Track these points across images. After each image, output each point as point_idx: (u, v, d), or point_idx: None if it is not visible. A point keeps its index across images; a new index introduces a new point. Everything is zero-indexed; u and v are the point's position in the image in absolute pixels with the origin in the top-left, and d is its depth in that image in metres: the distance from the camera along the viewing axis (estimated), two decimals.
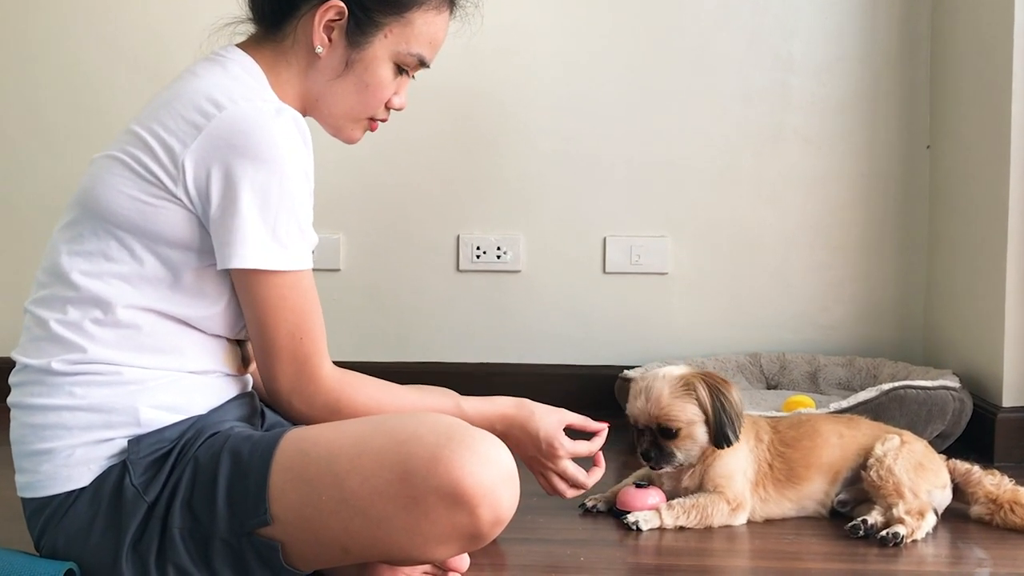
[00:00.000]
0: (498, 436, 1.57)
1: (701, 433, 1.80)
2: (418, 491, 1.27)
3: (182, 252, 1.36)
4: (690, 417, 1.79)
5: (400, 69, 1.54)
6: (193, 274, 1.38)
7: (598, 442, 1.74)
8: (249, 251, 1.33)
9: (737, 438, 1.79)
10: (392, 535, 1.30)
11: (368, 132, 1.60)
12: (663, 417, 1.79)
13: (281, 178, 1.33)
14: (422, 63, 1.55)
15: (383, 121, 1.59)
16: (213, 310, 1.40)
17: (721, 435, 1.78)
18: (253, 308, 1.38)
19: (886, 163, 2.79)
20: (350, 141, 1.59)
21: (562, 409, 1.71)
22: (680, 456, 1.81)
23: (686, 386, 1.79)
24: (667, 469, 1.84)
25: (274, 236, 1.34)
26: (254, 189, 1.32)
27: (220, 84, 1.38)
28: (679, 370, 1.84)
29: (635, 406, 1.82)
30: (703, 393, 1.79)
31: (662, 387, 1.80)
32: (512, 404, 1.65)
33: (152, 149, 1.35)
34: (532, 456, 1.68)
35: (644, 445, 1.82)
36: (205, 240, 1.36)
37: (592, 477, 1.74)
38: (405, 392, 1.53)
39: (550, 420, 1.66)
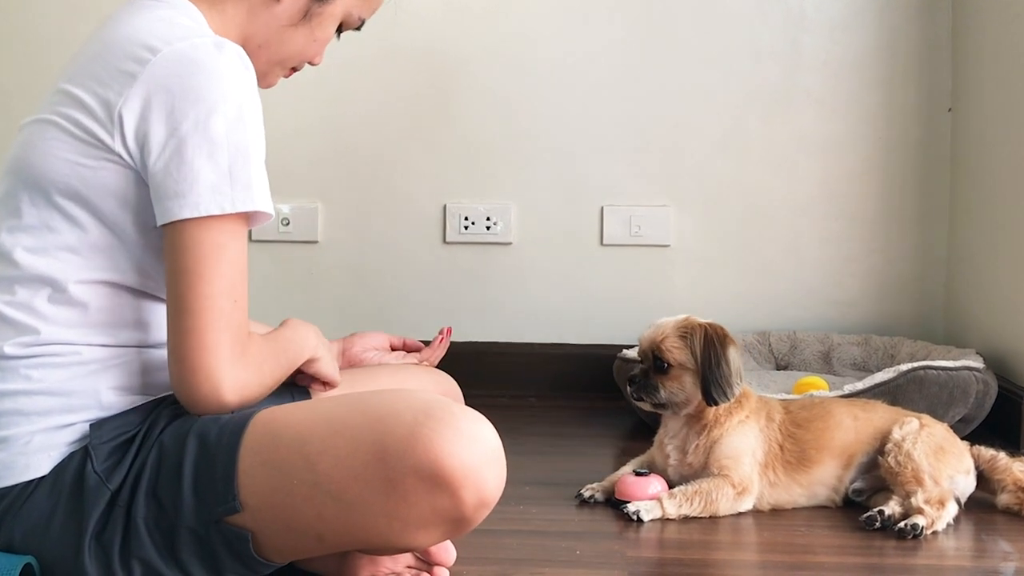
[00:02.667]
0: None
1: (689, 382, 1.85)
2: (395, 472, 1.26)
3: (126, 214, 1.35)
4: (682, 360, 1.84)
5: (338, 29, 1.58)
6: (141, 236, 1.36)
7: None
8: (203, 199, 1.29)
9: (727, 398, 1.82)
10: (369, 521, 1.29)
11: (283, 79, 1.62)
12: (659, 347, 1.86)
13: (229, 116, 1.31)
14: (359, 27, 1.60)
15: (296, 71, 1.62)
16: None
17: (707, 392, 1.82)
18: (184, 260, 1.31)
19: (905, 127, 2.77)
20: (269, 86, 1.59)
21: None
22: (663, 394, 1.85)
23: (685, 330, 1.85)
24: (644, 404, 1.89)
25: (231, 179, 1.31)
26: (200, 131, 1.30)
27: (152, 28, 1.36)
28: (688, 317, 1.90)
29: (643, 335, 1.91)
30: (696, 343, 1.84)
31: (669, 322, 1.88)
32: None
33: (87, 106, 1.33)
34: None
35: (635, 371, 1.89)
36: (145, 198, 1.34)
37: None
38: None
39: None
